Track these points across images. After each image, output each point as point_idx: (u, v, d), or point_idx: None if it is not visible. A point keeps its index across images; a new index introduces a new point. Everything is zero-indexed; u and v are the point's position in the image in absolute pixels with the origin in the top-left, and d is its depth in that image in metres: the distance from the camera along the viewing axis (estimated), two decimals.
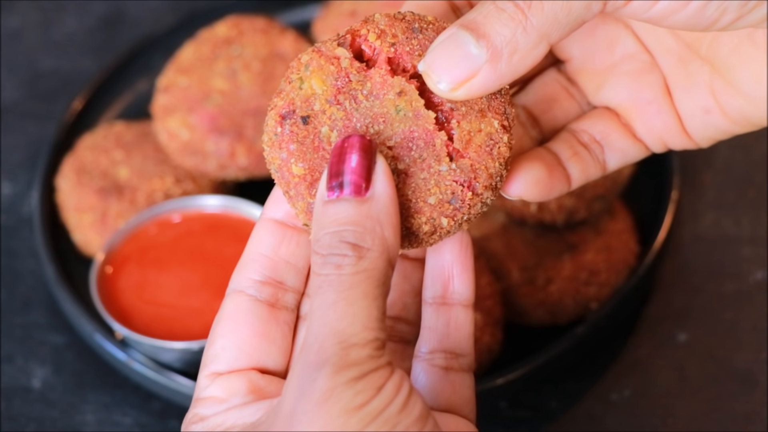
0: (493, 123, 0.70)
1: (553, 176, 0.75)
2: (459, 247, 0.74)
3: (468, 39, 0.66)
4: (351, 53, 0.70)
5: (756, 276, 1.13)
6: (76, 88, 1.30)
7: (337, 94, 0.69)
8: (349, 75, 0.70)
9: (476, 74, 0.66)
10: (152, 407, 1.08)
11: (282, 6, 1.34)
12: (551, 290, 1.07)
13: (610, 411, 1.05)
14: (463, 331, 0.74)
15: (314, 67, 0.70)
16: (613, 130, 0.78)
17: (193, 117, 1.15)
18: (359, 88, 0.69)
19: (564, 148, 0.77)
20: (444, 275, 0.74)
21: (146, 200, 1.15)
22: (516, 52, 0.66)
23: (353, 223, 0.67)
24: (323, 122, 0.69)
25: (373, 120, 0.69)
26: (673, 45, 0.76)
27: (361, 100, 0.69)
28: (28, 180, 1.25)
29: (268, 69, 1.18)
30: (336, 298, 0.65)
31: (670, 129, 0.77)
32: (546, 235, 1.10)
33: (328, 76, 0.70)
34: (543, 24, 0.66)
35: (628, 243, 1.10)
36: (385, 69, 0.69)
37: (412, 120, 0.69)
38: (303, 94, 0.70)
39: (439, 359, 0.74)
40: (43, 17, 1.42)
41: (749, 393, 1.05)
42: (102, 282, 1.09)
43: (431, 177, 0.69)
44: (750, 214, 1.17)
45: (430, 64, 0.67)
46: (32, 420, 1.07)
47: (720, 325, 1.10)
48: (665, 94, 0.77)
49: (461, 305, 0.74)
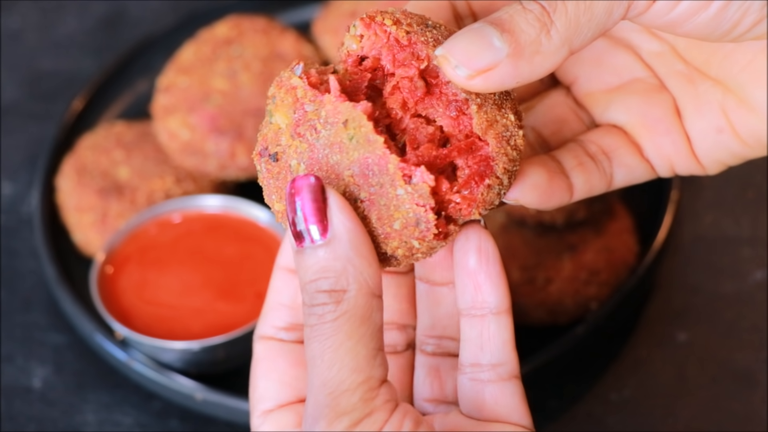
0: (509, 116, 0.69)
1: (554, 183, 0.73)
2: (478, 256, 0.72)
3: (492, 32, 0.66)
4: (307, 81, 0.68)
5: (755, 276, 1.13)
6: (76, 88, 1.30)
7: (297, 127, 0.68)
8: (305, 105, 0.68)
9: (496, 66, 0.66)
10: (152, 407, 1.08)
11: (282, 6, 1.34)
12: (551, 290, 1.07)
13: (610, 411, 1.05)
14: (497, 340, 0.72)
15: (277, 101, 0.69)
16: (622, 145, 0.77)
17: (194, 117, 1.15)
18: (315, 117, 0.68)
19: (569, 158, 0.75)
20: (470, 285, 0.72)
21: (146, 200, 1.15)
22: (538, 53, 0.66)
23: (323, 270, 0.66)
24: (291, 156, 0.69)
25: (331, 150, 0.68)
26: (682, 68, 0.75)
27: (320, 130, 0.68)
28: (29, 180, 1.25)
29: (268, 69, 1.18)
30: (322, 348, 0.66)
31: (678, 151, 0.76)
32: (546, 235, 1.10)
33: (288, 109, 0.69)
34: (566, 29, 0.66)
35: (628, 243, 1.10)
36: (335, 95, 0.68)
37: (365, 146, 0.67)
38: (272, 129, 0.69)
39: (478, 372, 0.72)
40: (43, 17, 1.42)
41: (749, 393, 1.05)
42: (102, 282, 1.09)
43: (391, 202, 0.67)
44: (749, 214, 1.17)
45: (450, 48, 0.66)
46: (32, 420, 1.07)
47: (720, 324, 1.10)
48: (674, 115, 0.76)
49: (492, 314, 0.72)
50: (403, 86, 0.69)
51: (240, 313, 1.07)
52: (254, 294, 1.08)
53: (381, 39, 0.69)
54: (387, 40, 0.69)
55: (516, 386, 0.72)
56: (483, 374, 0.72)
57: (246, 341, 1.06)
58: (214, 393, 1.04)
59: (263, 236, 1.11)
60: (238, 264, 1.10)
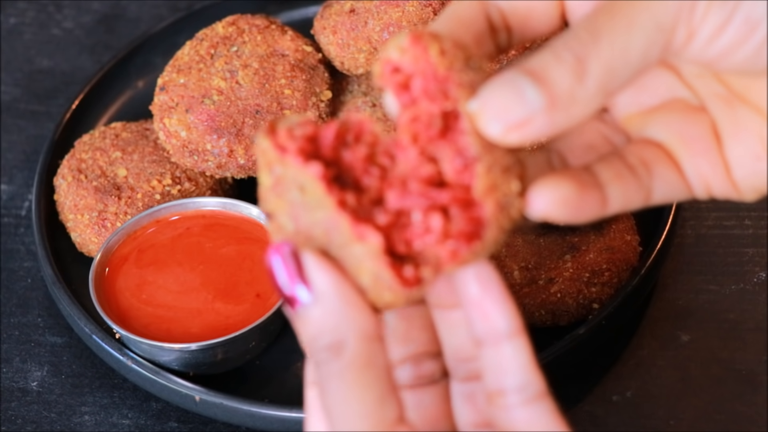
0: (512, 184, 0.67)
1: (585, 197, 0.70)
2: (478, 284, 0.70)
3: (526, 83, 0.65)
4: (274, 141, 0.67)
5: (760, 276, 1.12)
6: (74, 88, 1.30)
7: (276, 187, 0.68)
8: (274, 168, 0.68)
9: (532, 120, 0.65)
10: (151, 408, 1.07)
11: (282, 5, 1.33)
12: (553, 290, 1.07)
13: (612, 412, 1.04)
14: (517, 363, 0.70)
15: (259, 161, 0.69)
16: (662, 159, 0.74)
17: (192, 116, 1.15)
18: (285, 179, 0.68)
19: (606, 169, 0.72)
20: (478, 314, 0.70)
21: (145, 200, 1.15)
22: (573, 103, 0.65)
23: (319, 328, 0.67)
24: (281, 215, 0.69)
25: (304, 210, 0.68)
26: (722, 91, 0.73)
27: (292, 191, 0.68)
28: (26, 180, 1.24)
29: (267, 68, 1.17)
30: (333, 401, 0.67)
31: (716, 173, 0.73)
32: (547, 235, 1.10)
33: (266, 170, 0.68)
34: (602, 75, 0.65)
35: (630, 243, 1.10)
36: (293, 156, 0.67)
37: (322, 207, 0.67)
38: (262, 186, 0.69)
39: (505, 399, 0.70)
40: (41, 16, 1.42)
41: (752, 394, 1.05)
42: (100, 282, 1.08)
43: (355, 259, 0.67)
44: (753, 214, 1.17)
45: (484, 103, 0.66)
46: (29, 421, 1.06)
47: (723, 325, 1.10)
48: (713, 138, 0.73)
49: (506, 338, 0.70)
50: (422, 120, 0.68)
51: (239, 314, 1.06)
52: (253, 294, 1.07)
53: (420, 62, 0.68)
54: (425, 67, 0.68)
55: (546, 404, 0.71)
56: (510, 400, 0.70)
57: (245, 342, 1.06)
58: (213, 394, 1.03)
59: (262, 236, 1.11)
60: (237, 264, 1.09)
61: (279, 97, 1.16)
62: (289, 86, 1.16)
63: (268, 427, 1.03)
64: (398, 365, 0.73)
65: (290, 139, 0.67)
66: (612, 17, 0.66)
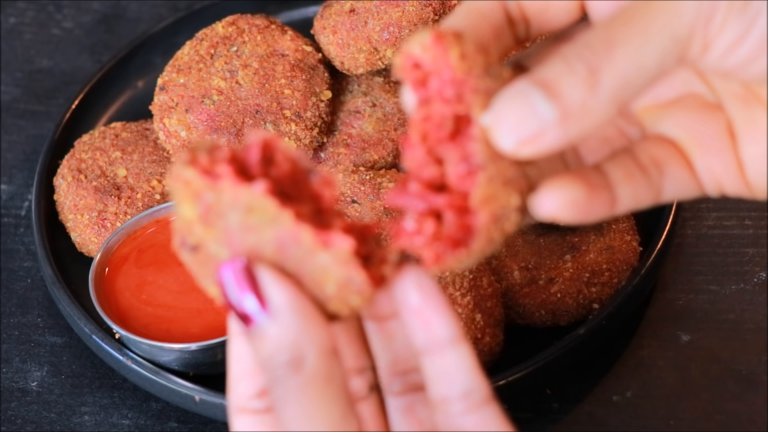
0: (511, 197, 0.67)
1: (594, 198, 0.70)
2: (419, 292, 0.69)
3: (537, 96, 0.64)
4: (199, 169, 0.66)
5: (760, 276, 1.12)
6: (74, 87, 1.30)
7: (205, 216, 0.66)
8: (204, 196, 0.66)
9: (544, 133, 0.64)
10: (150, 408, 1.07)
11: (282, 5, 1.33)
12: (553, 290, 1.07)
13: (612, 412, 1.04)
14: (461, 370, 0.69)
15: (178, 194, 0.67)
16: (674, 157, 0.73)
17: (192, 116, 1.15)
18: (219, 205, 0.66)
19: (617, 168, 0.72)
20: (419, 322, 0.70)
21: (144, 200, 1.14)
22: (586, 115, 0.64)
23: (276, 344, 0.66)
24: (210, 244, 0.67)
25: (246, 232, 0.66)
26: (739, 90, 0.72)
27: (229, 216, 0.66)
28: (26, 180, 1.24)
29: (267, 68, 1.17)
30: (295, 418, 0.66)
31: (728, 172, 0.72)
32: (548, 235, 1.10)
33: (190, 201, 0.67)
34: (615, 85, 0.64)
35: (630, 243, 1.10)
36: (230, 179, 0.65)
37: (274, 225, 0.65)
38: (182, 219, 0.68)
39: (450, 406, 0.70)
40: (41, 16, 1.41)
41: (752, 394, 1.04)
42: (100, 282, 1.08)
43: (317, 270, 0.66)
44: (754, 214, 1.17)
45: (496, 117, 0.65)
46: (29, 422, 1.06)
47: (723, 325, 1.09)
48: (728, 136, 0.72)
49: (448, 345, 0.69)
50: (433, 120, 0.67)
51: None
52: None
53: (439, 63, 0.67)
54: (444, 68, 0.67)
55: (492, 409, 0.70)
56: (456, 407, 0.69)
57: None
58: (212, 394, 1.03)
59: None
60: None
61: (279, 97, 1.15)
62: (289, 86, 1.16)
63: None
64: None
65: (219, 163, 0.66)
66: (627, 26, 0.65)
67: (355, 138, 1.18)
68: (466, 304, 1.03)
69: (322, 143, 1.16)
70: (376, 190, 1.13)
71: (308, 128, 1.15)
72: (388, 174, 1.15)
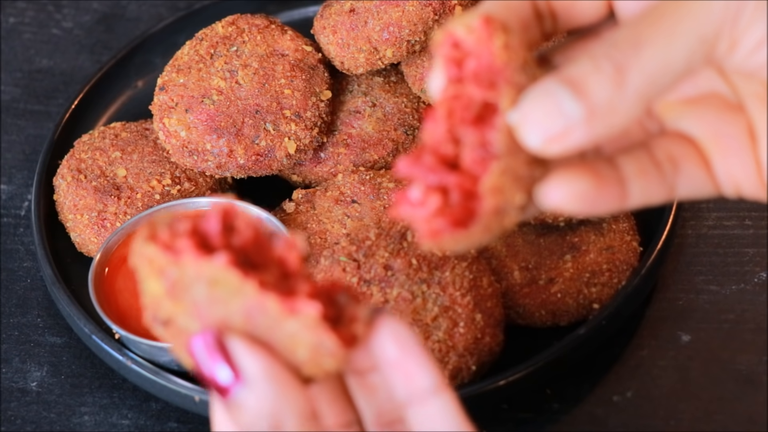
0: (517, 194, 0.67)
1: (603, 191, 0.69)
2: (396, 344, 0.68)
3: (564, 95, 0.64)
4: (160, 245, 0.66)
5: (760, 276, 1.12)
6: (74, 87, 1.30)
7: (172, 291, 0.66)
8: (168, 272, 0.66)
9: (571, 132, 0.65)
10: (150, 409, 1.07)
11: (282, 5, 1.33)
12: (553, 291, 1.07)
13: (612, 412, 1.04)
14: (446, 417, 0.69)
15: (143, 271, 0.67)
16: (691, 156, 0.72)
17: (192, 116, 1.14)
18: (183, 279, 0.66)
19: (631, 163, 0.71)
20: (400, 375, 0.69)
21: (144, 200, 1.14)
22: (613, 113, 0.64)
23: (254, 414, 0.65)
24: (180, 317, 0.67)
25: (213, 304, 0.66)
26: (761, 91, 0.71)
27: (194, 289, 0.66)
28: (26, 180, 1.24)
29: (267, 68, 1.17)
30: None
31: (747, 175, 0.72)
32: (548, 235, 1.10)
33: (155, 278, 0.66)
34: (642, 84, 0.64)
35: (630, 243, 1.10)
36: (191, 254, 0.65)
37: (240, 295, 0.65)
38: (150, 295, 0.67)
39: None
40: (40, 15, 1.41)
41: (752, 394, 1.04)
42: (99, 282, 1.08)
43: (286, 337, 0.65)
44: (754, 214, 1.16)
45: (524, 115, 0.65)
46: (29, 422, 1.06)
47: (723, 326, 1.09)
48: (748, 138, 0.72)
49: (431, 395, 0.69)
50: (462, 100, 0.67)
51: None
52: None
53: (482, 47, 0.67)
54: (485, 53, 0.67)
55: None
56: None
57: None
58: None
59: None
60: None
61: (279, 97, 1.15)
62: (288, 86, 1.16)
63: None
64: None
65: (179, 238, 0.66)
66: (654, 26, 0.65)
67: (355, 138, 1.18)
68: (466, 304, 1.03)
69: (322, 143, 1.16)
70: (376, 190, 1.13)
71: (308, 128, 1.15)
72: (388, 174, 1.15)
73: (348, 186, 1.13)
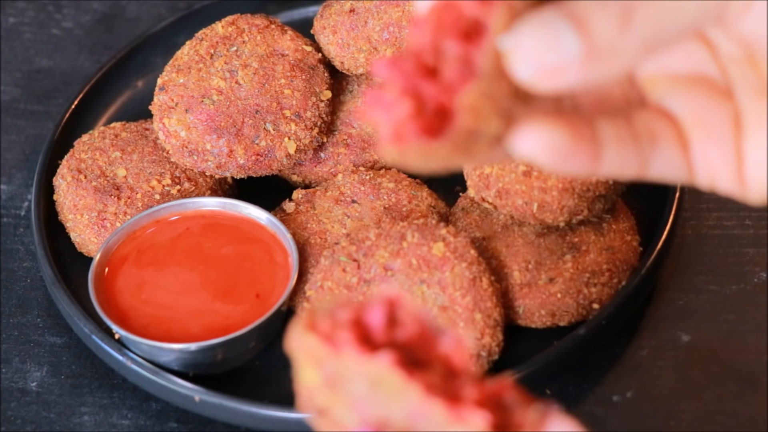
0: (491, 122, 0.63)
1: (577, 148, 0.66)
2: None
3: (565, 28, 0.61)
4: (320, 335, 0.63)
5: (760, 276, 1.12)
6: (73, 87, 1.30)
7: (330, 383, 0.63)
8: (326, 364, 0.63)
9: (565, 68, 0.61)
10: (150, 409, 1.07)
11: (282, 5, 1.33)
12: (553, 291, 1.07)
13: (612, 412, 1.04)
14: None
15: (300, 360, 0.64)
16: (671, 134, 0.69)
17: (192, 116, 1.14)
18: (343, 373, 0.63)
19: (609, 127, 0.67)
20: None
21: (144, 200, 1.14)
22: (612, 56, 0.61)
23: None
24: (337, 409, 0.64)
25: (373, 401, 0.63)
26: (755, 81, 0.68)
27: (353, 385, 0.63)
28: (26, 180, 1.24)
29: (267, 68, 1.17)
30: None
31: (725, 166, 0.69)
32: (547, 235, 1.10)
33: (313, 368, 0.64)
34: (648, 29, 0.61)
35: (630, 243, 1.10)
36: (353, 349, 0.62)
37: (403, 397, 0.62)
38: (309, 385, 0.65)
39: None
40: (40, 15, 1.41)
41: (752, 394, 1.04)
42: (99, 282, 1.08)
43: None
44: (754, 214, 1.16)
45: (518, 42, 0.61)
46: (29, 422, 1.06)
47: (723, 326, 1.09)
48: (734, 126, 0.68)
49: None
50: (454, 12, 0.63)
51: (239, 314, 1.06)
52: (253, 295, 1.07)
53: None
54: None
55: None
56: None
57: (245, 342, 1.06)
58: (212, 394, 1.03)
59: (262, 236, 1.11)
60: (236, 264, 1.09)
61: (279, 97, 1.15)
62: (288, 86, 1.16)
63: (267, 427, 1.03)
64: None
65: (340, 330, 0.62)
66: None
67: (355, 138, 1.18)
68: (466, 304, 1.03)
69: (322, 143, 1.16)
70: (376, 190, 1.13)
71: (308, 128, 1.15)
72: (388, 174, 1.15)
73: (348, 186, 1.13)
